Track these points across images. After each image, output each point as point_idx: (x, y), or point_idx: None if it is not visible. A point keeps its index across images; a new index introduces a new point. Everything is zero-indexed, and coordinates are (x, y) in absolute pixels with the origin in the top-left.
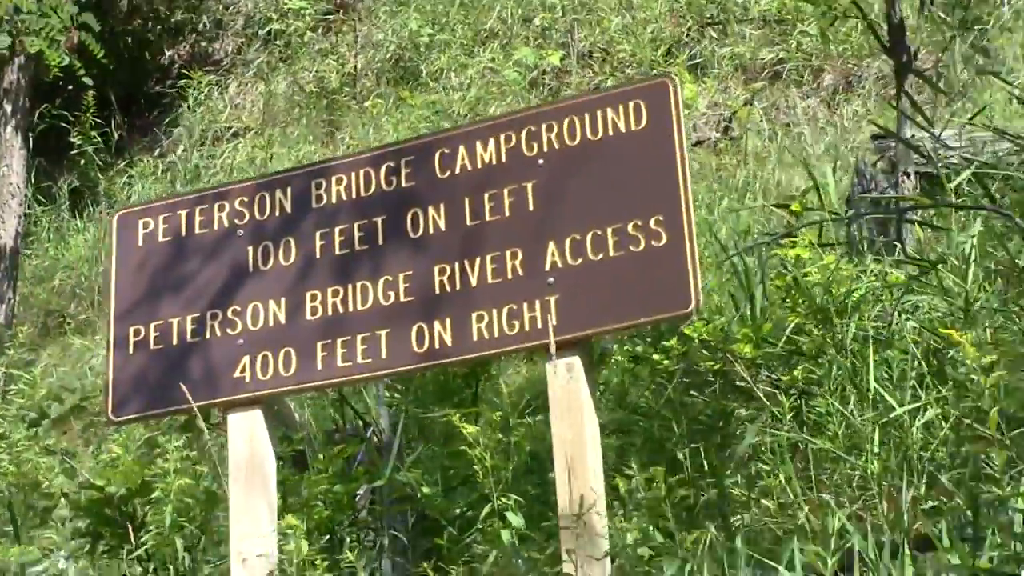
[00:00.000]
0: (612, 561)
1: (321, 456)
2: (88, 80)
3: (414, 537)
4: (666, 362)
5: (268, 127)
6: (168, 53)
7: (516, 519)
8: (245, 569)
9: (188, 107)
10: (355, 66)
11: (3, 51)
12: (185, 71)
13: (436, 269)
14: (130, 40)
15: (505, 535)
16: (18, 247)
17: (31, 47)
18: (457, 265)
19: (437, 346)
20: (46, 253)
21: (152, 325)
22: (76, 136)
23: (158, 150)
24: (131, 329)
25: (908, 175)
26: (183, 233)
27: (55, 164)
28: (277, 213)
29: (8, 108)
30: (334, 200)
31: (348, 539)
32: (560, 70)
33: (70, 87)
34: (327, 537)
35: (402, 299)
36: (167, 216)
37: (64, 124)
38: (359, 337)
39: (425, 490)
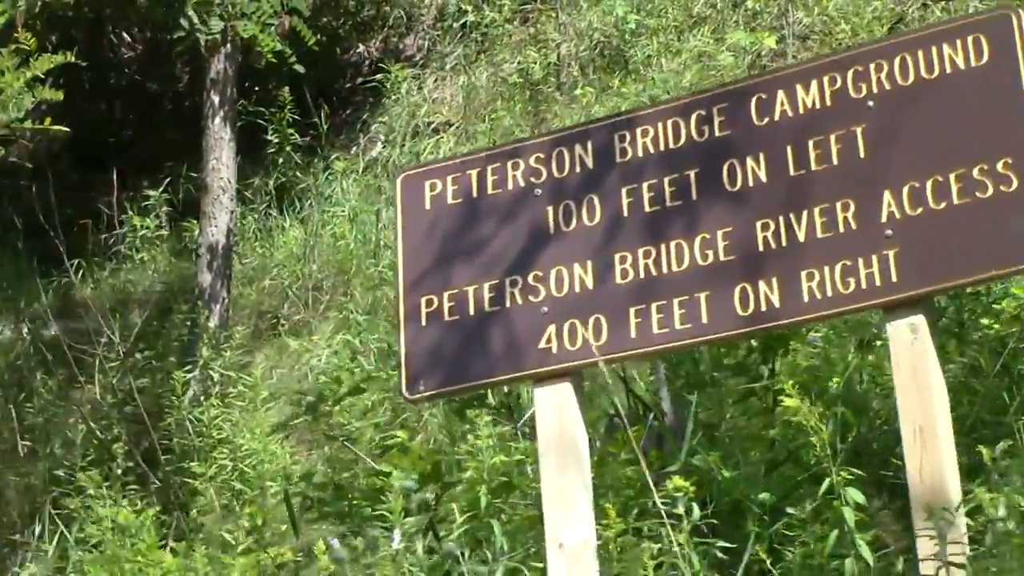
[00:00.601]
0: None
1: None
2: (300, 68)
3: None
4: (996, 326)
5: (470, 120)
6: (359, 49)
7: (858, 496)
8: (562, 555)
9: (385, 103)
10: (558, 55)
11: (215, 35)
12: (383, 65)
13: (758, 224)
14: (319, 36)
15: (848, 513)
16: (230, 244)
17: (244, 31)
18: (782, 219)
19: (763, 309)
20: (254, 252)
21: (446, 294)
22: (273, 134)
23: (355, 148)
24: (423, 299)
25: None
26: (474, 194)
27: (251, 162)
28: (577, 170)
29: (216, 99)
30: (640, 153)
31: (645, 527)
32: (776, 53)
33: (256, 88)
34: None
35: (722, 258)
36: (456, 176)
37: (260, 121)
38: (676, 301)
39: (725, 473)
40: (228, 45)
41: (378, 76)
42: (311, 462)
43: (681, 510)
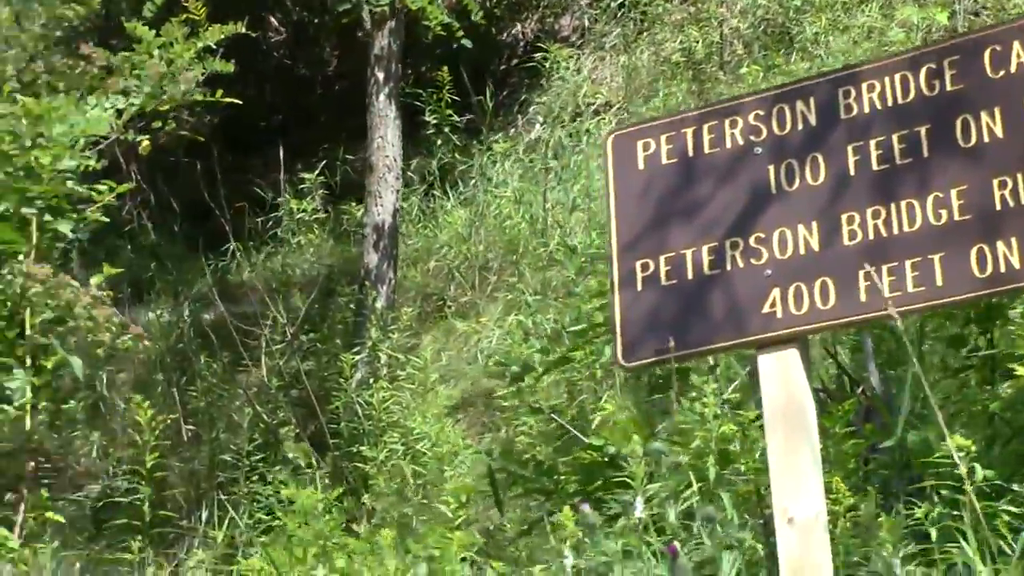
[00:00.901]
0: None
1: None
2: (467, 42)
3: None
4: None
5: (631, 100)
6: (514, 30)
7: None
8: (792, 530)
9: (542, 84)
10: (721, 33)
11: (383, 7)
12: (539, 45)
13: (995, 182)
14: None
15: None
16: (396, 224)
17: (412, 3)
18: (1020, 176)
19: (1003, 270)
20: (417, 234)
21: (662, 258)
22: (431, 115)
23: (512, 130)
24: (638, 264)
25: None
26: (690, 154)
27: (410, 143)
28: (800, 127)
29: (380, 75)
30: (866, 109)
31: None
32: (947, 29)
33: (410, 72)
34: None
35: (956, 217)
36: (670, 136)
37: (417, 103)
38: (908, 263)
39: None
40: (392, 22)
41: (536, 56)
42: (486, 445)
43: (964, 469)
